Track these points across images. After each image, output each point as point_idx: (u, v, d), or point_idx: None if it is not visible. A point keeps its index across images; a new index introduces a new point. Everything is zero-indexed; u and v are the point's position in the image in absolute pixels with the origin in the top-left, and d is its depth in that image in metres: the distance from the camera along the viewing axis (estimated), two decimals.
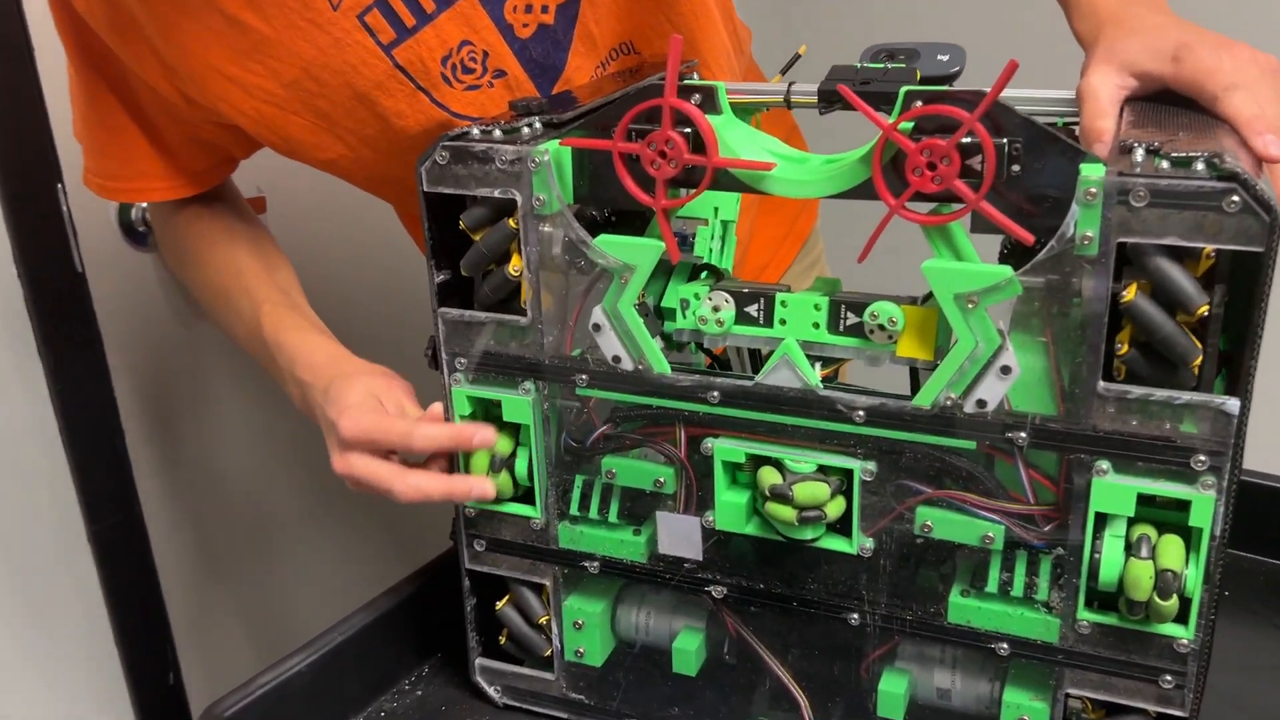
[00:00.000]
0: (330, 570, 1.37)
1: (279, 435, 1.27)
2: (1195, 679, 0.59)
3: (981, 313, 0.56)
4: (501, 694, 0.77)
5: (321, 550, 1.36)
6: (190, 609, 1.20)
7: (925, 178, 0.56)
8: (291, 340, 0.81)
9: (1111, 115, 0.62)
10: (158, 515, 1.14)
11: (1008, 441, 0.58)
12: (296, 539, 1.32)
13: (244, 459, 1.24)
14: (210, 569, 1.23)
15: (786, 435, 0.63)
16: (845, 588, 0.65)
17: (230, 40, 0.74)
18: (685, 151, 0.60)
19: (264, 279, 0.86)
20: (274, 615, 1.31)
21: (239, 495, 1.24)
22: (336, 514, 1.36)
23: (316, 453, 1.28)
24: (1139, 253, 0.53)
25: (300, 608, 1.33)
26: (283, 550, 1.31)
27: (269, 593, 1.30)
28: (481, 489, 0.69)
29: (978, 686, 0.66)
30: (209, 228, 0.90)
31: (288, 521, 1.31)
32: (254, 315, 0.84)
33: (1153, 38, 0.63)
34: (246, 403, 1.23)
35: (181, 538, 1.19)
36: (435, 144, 0.65)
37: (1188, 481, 0.55)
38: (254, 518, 1.27)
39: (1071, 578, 0.59)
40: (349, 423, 0.71)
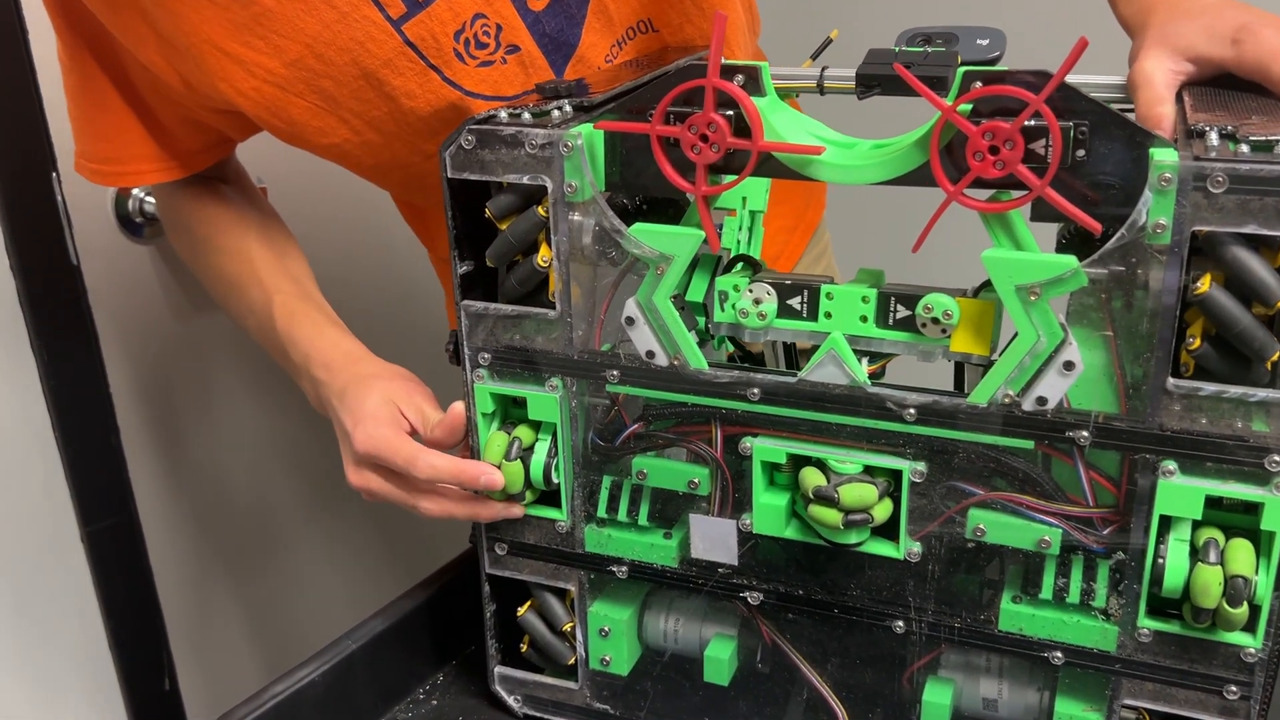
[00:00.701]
0: (333, 574, 1.33)
1: (281, 434, 1.23)
2: (1262, 689, 0.56)
3: (1044, 305, 0.53)
4: (522, 704, 0.74)
5: (324, 553, 1.32)
6: (187, 613, 1.16)
7: (987, 162, 0.53)
8: (306, 334, 0.78)
9: (1169, 101, 0.60)
10: (154, 516, 1.10)
11: (1068, 441, 0.56)
12: (298, 541, 1.29)
13: (244, 458, 1.21)
14: (208, 572, 1.19)
15: (831, 434, 0.60)
16: (890, 594, 0.62)
17: (230, 13, 0.70)
18: (729, 135, 0.57)
19: (275, 267, 0.83)
20: (274, 620, 1.27)
21: (239, 496, 1.21)
22: (340, 516, 1.32)
23: (320, 453, 1.25)
24: (1214, 242, 0.50)
25: (301, 613, 1.30)
26: (284, 553, 1.27)
27: (269, 597, 1.26)
28: (510, 512, 0.68)
29: (1026, 696, 0.63)
30: (216, 213, 0.86)
31: (289, 523, 1.27)
32: (266, 306, 0.80)
33: (1209, 20, 0.61)
34: (247, 400, 1.19)
35: (179, 540, 1.15)
36: (461, 127, 0.62)
37: (1260, 483, 0.53)
38: (254, 519, 1.23)
39: (1132, 584, 0.57)
40: (363, 436, 0.69)
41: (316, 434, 1.24)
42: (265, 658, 1.25)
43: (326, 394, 0.74)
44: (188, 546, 1.16)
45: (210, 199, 0.87)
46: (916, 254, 0.60)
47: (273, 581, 1.26)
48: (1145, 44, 0.63)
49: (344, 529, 1.33)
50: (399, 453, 0.68)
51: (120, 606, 1.07)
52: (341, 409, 0.72)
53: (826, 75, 0.69)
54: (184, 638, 1.15)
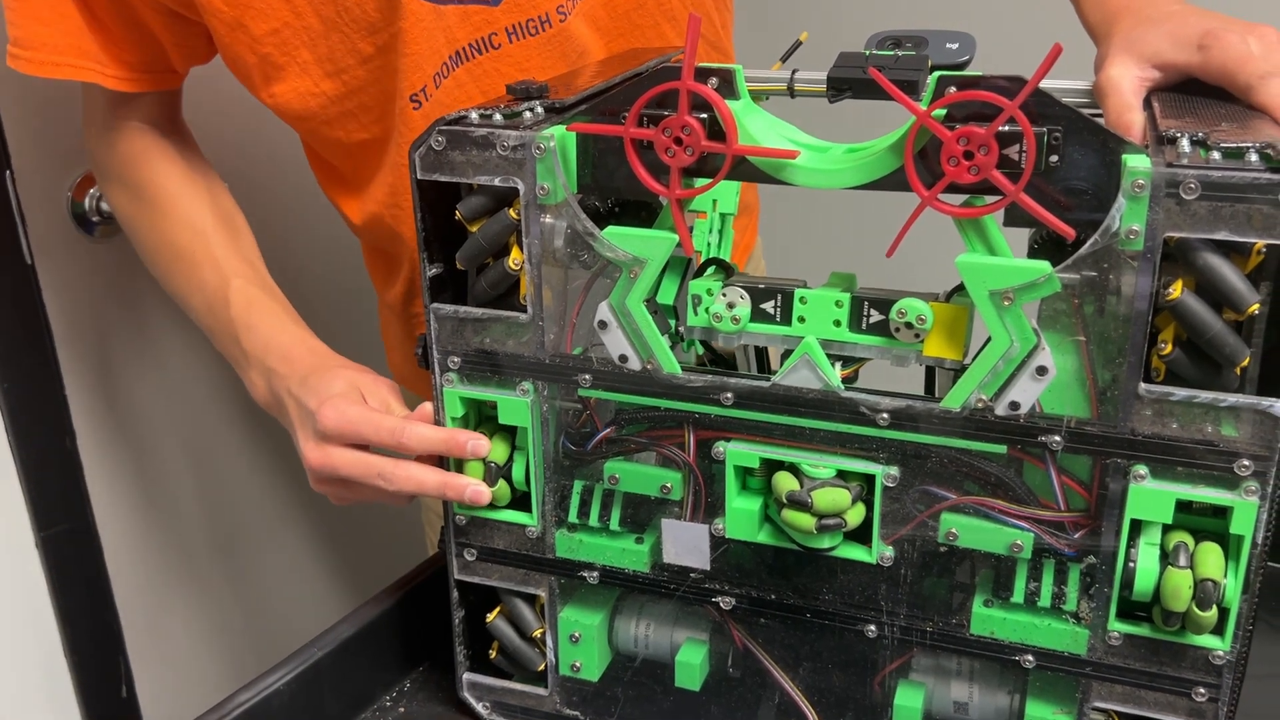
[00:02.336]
0: (297, 580, 1.32)
1: (244, 439, 1.21)
2: (1230, 692, 0.56)
3: (1017, 310, 0.54)
4: (490, 710, 0.73)
5: (288, 559, 1.31)
6: (145, 620, 1.14)
7: (961, 168, 0.53)
8: (265, 325, 0.76)
9: (1137, 108, 0.60)
10: (112, 521, 1.08)
11: (1040, 446, 0.56)
12: (261, 547, 1.27)
13: (205, 462, 1.19)
14: (167, 579, 1.17)
15: (804, 439, 0.60)
16: (862, 598, 0.62)
17: None
18: (703, 138, 0.56)
19: (230, 246, 0.80)
20: (236, 628, 1.25)
21: (199, 501, 1.19)
22: (304, 520, 1.30)
23: (283, 457, 1.24)
24: (1186, 248, 0.51)
25: (264, 620, 1.28)
26: (246, 559, 1.26)
27: (230, 604, 1.24)
28: (476, 493, 0.65)
29: (996, 699, 0.63)
30: (166, 172, 0.82)
31: (252, 528, 1.25)
32: (220, 288, 0.78)
33: (1173, 26, 0.61)
34: (208, 403, 1.17)
35: (137, 545, 1.13)
36: (431, 128, 0.61)
37: (1229, 487, 0.53)
38: (215, 525, 1.21)
39: (1103, 587, 0.57)
40: (332, 412, 0.67)
41: (281, 439, 1.22)
42: (226, 666, 1.23)
43: (284, 384, 0.72)
44: (146, 552, 1.14)
45: (159, 154, 0.83)
46: (887, 259, 0.60)
47: (235, 588, 1.24)
48: (1111, 51, 0.63)
49: (308, 534, 1.32)
50: (381, 426, 0.66)
51: (76, 613, 1.05)
52: (304, 392, 0.70)
53: (797, 78, 0.69)
54: (142, 645, 1.13)
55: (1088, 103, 0.64)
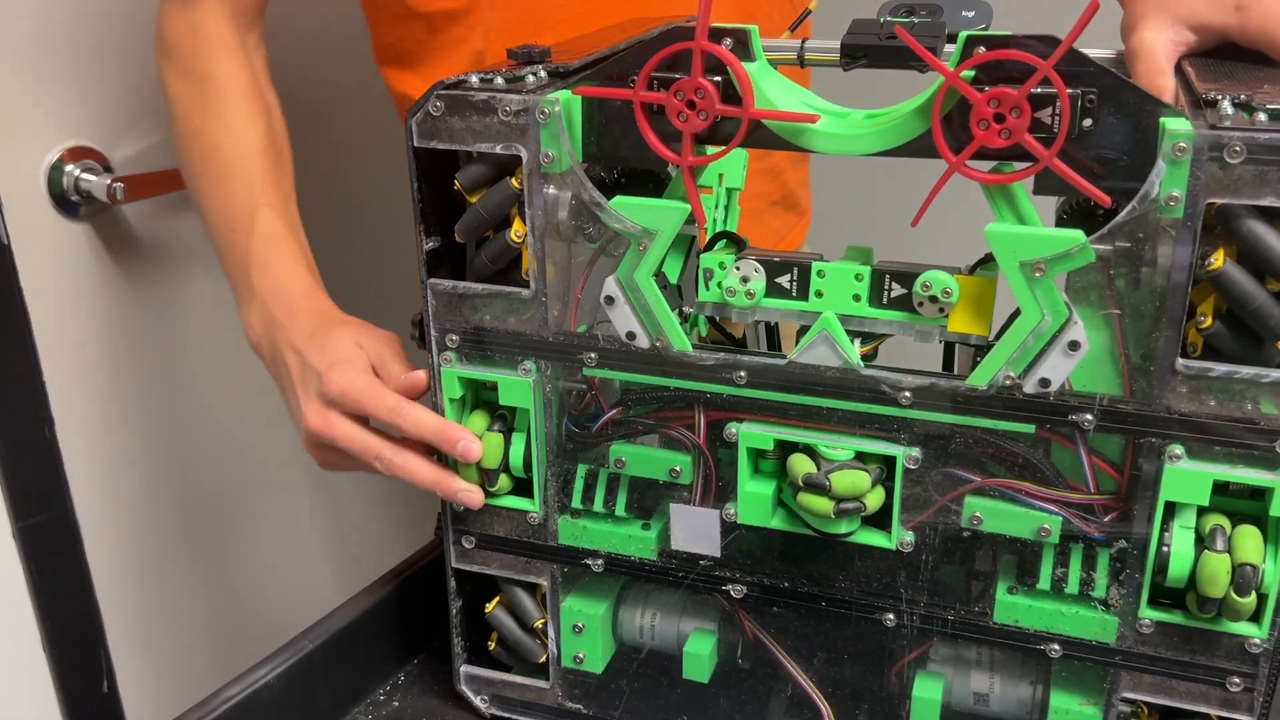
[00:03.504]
0: (286, 570, 1.28)
1: (227, 424, 1.18)
2: (1267, 681, 0.54)
3: (1049, 282, 0.51)
4: (489, 704, 0.71)
5: (276, 548, 1.27)
6: (127, 613, 1.11)
7: (992, 131, 0.50)
8: (280, 268, 0.73)
9: (1170, 73, 0.58)
10: (92, 511, 1.04)
11: (1070, 425, 0.53)
12: (247, 537, 1.24)
13: (188, 449, 1.15)
14: (150, 570, 1.14)
15: (821, 419, 0.57)
16: (881, 586, 0.60)
17: None
18: (717, 102, 0.54)
19: (270, 174, 0.77)
20: (222, 620, 1.22)
21: (182, 489, 1.15)
22: (293, 508, 1.27)
23: (269, 442, 1.20)
24: (1228, 215, 0.48)
25: (251, 612, 1.24)
26: (232, 549, 1.22)
27: (216, 595, 1.21)
28: (468, 497, 0.63)
29: (1019, 690, 0.61)
30: (233, 64, 0.79)
31: (237, 517, 1.22)
32: (247, 211, 0.75)
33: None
34: (191, 387, 1.14)
35: (118, 536, 1.10)
36: (429, 93, 0.58)
37: (1270, 467, 0.51)
38: (199, 513, 1.18)
39: (1134, 573, 0.54)
40: (340, 378, 0.65)
41: (265, 424, 1.19)
42: (211, 660, 1.20)
43: (286, 337, 0.70)
44: (128, 543, 1.11)
45: (231, 53, 0.80)
46: (911, 229, 0.57)
47: (220, 579, 1.21)
48: (1144, 12, 0.60)
49: (297, 521, 1.29)
50: (381, 401, 0.64)
51: (56, 606, 1.02)
52: (309, 349, 0.68)
53: (808, 46, 0.67)
54: (124, 638, 1.09)
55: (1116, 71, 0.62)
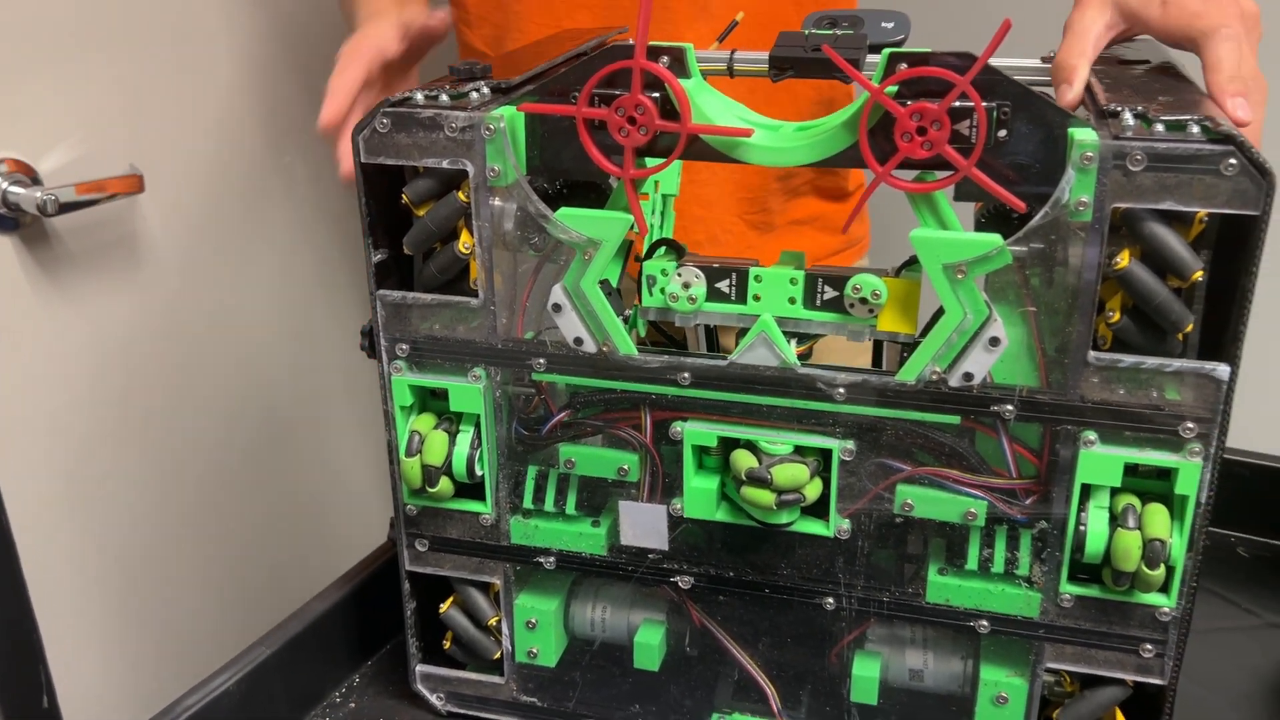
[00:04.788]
0: (232, 577, 1.28)
1: (167, 429, 1.17)
2: (1175, 647, 0.58)
3: (970, 283, 0.55)
4: (445, 701, 0.73)
5: (223, 554, 1.27)
6: (66, 625, 1.10)
7: (915, 143, 0.53)
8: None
9: (1090, 57, 0.61)
10: (28, 520, 1.03)
11: (993, 415, 0.57)
12: (192, 543, 1.23)
13: (128, 456, 1.14)
14: (90, 581, 1.13)
15: (761, 416, 0.60)
16: (820, 572, 0.63)
17: None
18: (657, 117, 0.56)
19: None
20: (166, 631, 1.21)
21: (126, 499, 1.15)
22: (236, 517, 1.27)
23: (206, 453, 1.20)
24: (1132, 218, 0.52)
25: (196, 622, 1.24)
26: (176, 557, 1.21)
27: (160, 605, 1.20)
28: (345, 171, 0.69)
29: (951, 665, 0.64)
30: None
31: (181, 522, 1.21)
32: None
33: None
34: (127, 396, 1.13)
35: (56, 545, 1.09)
36: (375, 111, 0.60)
37: (1175, 450, 0.55)
38: (143, 524, 1.17)
39: (1055, 551, 0.58)
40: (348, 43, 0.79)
41: (204, 433, 1.19)
42: (157, 672, 1.19)
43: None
44: (67, 554, 1.10)
45: None
46: None
47: (165, 590, 1.20)
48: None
49: (243, 527, 1.28)
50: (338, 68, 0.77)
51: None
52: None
53: (737, 59, 0.70)
54: (63, 651, 1.08)
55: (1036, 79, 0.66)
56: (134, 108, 1.05)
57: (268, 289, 1.24)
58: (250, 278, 1.21)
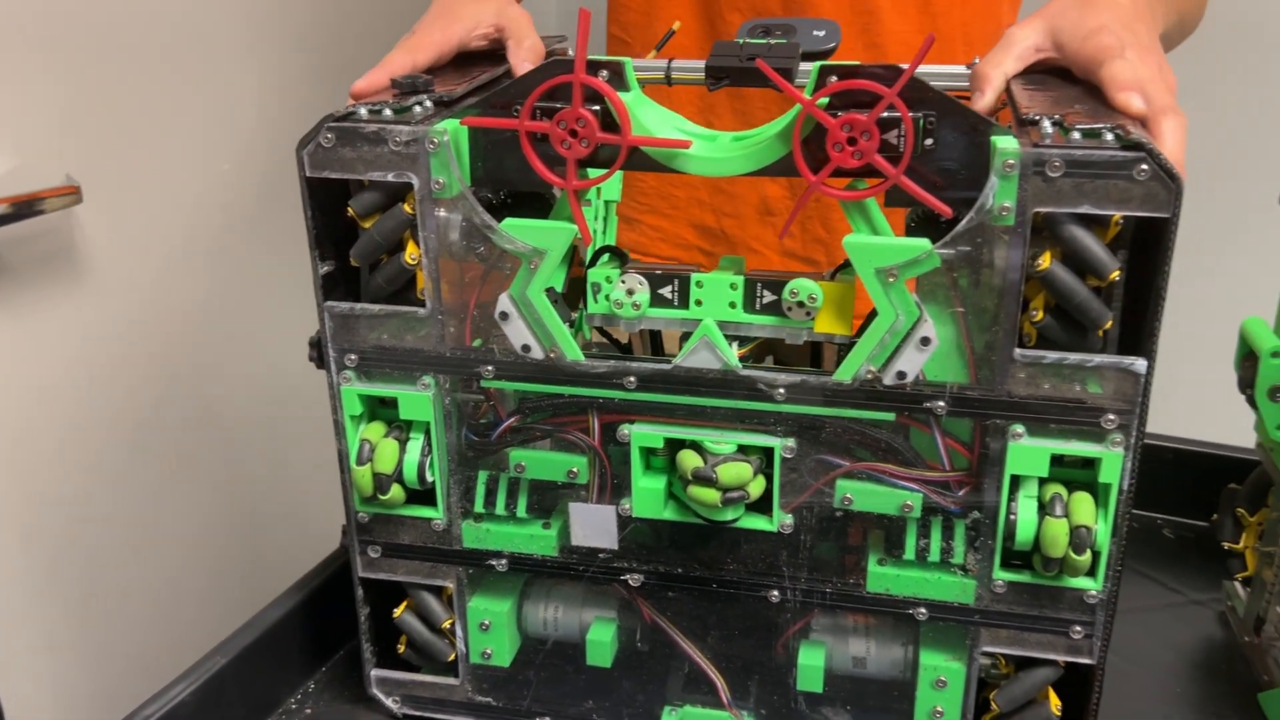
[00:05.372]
0: (176, 590, 1.27)
1: (115, 441, 1.16)
2: (1103, 628, 0.61)
3: (901, 286, 0.57)
4: (400, 704, 0.74)
5: (167, 568, 1.26)
6: (15, 638, 1.09)
7: (846, 153, 0.56)
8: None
9: (1007, 70, 0.63)
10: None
11: (926, 411, 0.59)
12: (139, 557, 1.22)
13: (74, 460, 1.13)
14: (38, 591, 1.12)
15: (705, 417, 0.62)
16: (765, 565, 0.65)
17: None
18: (598, 130, 0.58)
19: None
20: (115, 641, 1.20)
21: (70, 504, 1.13)
22: (182, 527, 1.26)
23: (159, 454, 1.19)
24: (1052, 221, 0.55)
25: (146, 632, 1.23)
26: (123, 569, 1.21)
27: (108, 616, 1.19)
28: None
29: (892, 652, 0.67)
30: None
31: (131, 530, 1.20)
32: None
33: (1088, 15, 0.63)
34: (72, 408, 1.12)
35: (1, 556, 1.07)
36: (319, 126, 0.61)
37: (1097, 440, 0.58)
38: (89, 533, 1.16)
39: (987, 539, 0.61)
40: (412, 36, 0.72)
41: (154, 438, 1.18)
42: (110, 683, 1.18)
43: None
44: (11, 563, 1.09)
45: None
46: None
47: (116, 598, 1.20)
48: (1038, 14, 0.65)
49: (194, 536, 1.27)
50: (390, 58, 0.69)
51: None
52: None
53: (674, 68, 0.71)
54: (13, 665, 1.08)
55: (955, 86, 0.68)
56: (71, 118, 1.04)
57: (214, 298, 1.23)
58: (195, 287, 1.20)
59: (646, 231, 1.03)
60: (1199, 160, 0.59)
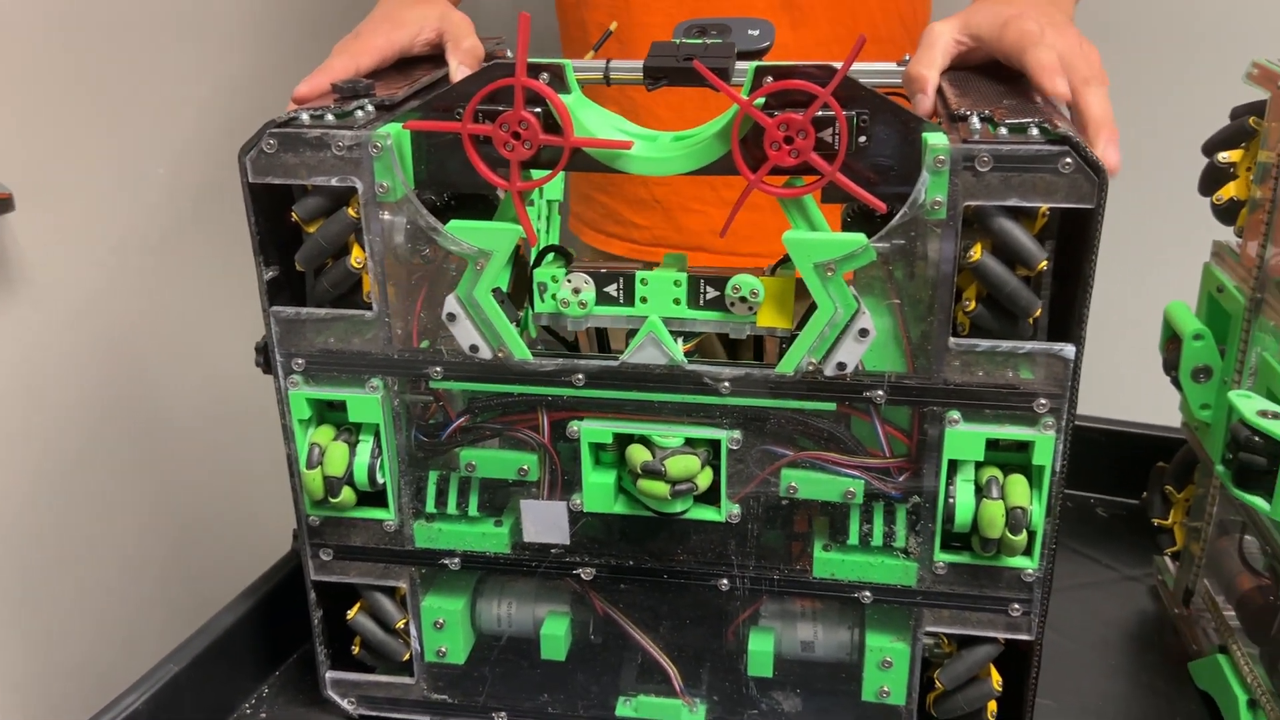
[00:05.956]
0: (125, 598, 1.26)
1: (61, 448, 1.14)
2: (1040, 604, 0.64)
3: (839, 280, 0.59)
4: (356, 705, 0.74)
5: (115, 577, 1.24)
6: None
7: (783, 151, 0.57)
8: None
9: (938, 66, 0.65)
10: None
11: (865, 400, 0.61)
12: (86, 566, 1.20)
13: (16, 474, 1.11)
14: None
15: (653, 412, 0.63)
16: (714, 555, 0.67)
17: None
18: (540, 132, 0.59)
19: None
20: (65, 651, 1.19)
21: (12, 518, 1.12)
22: (128, 535, 1.24)
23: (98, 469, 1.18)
24: (982, 215, 0.57)
25: (96, 641, 1.21)
26: (71, 578, 1.19)
27: (57, 626, 1.18)
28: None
29: (839, 635, 0.69)
30: None
31: (74, 547, 1.19)
32: None
33: (1004, 8, 0.66)
34: (10, 417, 1.10)
35: None
36: (261, 132, 0.61)
37: (1030, 424, 0.60)
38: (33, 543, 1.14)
39: (927, 523, 0.63)
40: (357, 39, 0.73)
41: (99, 447, 1.16)
42: (60, 693, 1.17)
43: None
44: None
45: None
46: None
47: (64, 607, 1.18)
48: (958, 13, 0.68)
49: (141, 544, 1.26)
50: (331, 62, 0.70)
51: None
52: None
53: (613, 68, 0.72)
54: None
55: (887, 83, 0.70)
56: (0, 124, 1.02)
57: (155, 304, 1.22)
58: (135, 294, 1.19)
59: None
60: (1121, 151, 0.61)
